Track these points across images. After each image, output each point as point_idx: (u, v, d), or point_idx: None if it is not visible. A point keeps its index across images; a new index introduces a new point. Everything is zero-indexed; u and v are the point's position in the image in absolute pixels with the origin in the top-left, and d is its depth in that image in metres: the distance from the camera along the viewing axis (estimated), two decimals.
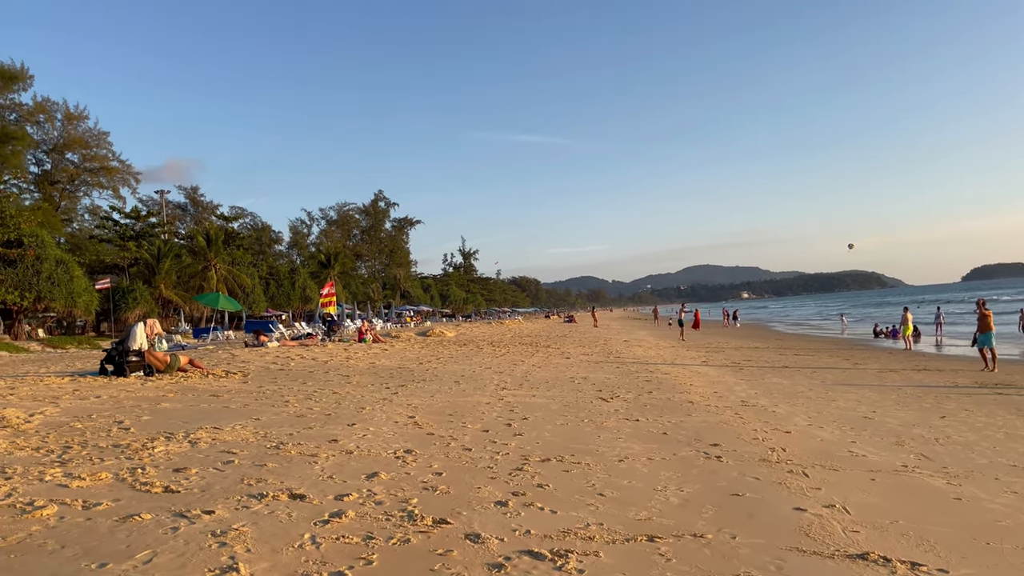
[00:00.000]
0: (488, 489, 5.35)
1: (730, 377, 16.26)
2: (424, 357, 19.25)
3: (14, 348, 36.39)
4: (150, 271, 61.65)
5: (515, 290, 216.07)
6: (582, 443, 7.46)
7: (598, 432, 8.20)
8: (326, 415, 8.75)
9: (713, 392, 12.75)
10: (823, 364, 20.15)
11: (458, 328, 44.99)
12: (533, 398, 11.23)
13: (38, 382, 11.28)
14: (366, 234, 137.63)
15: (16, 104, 68.01)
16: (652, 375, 15.60)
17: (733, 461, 6.71)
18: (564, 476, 5.89)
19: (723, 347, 29.43)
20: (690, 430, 8.45)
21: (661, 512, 4.93)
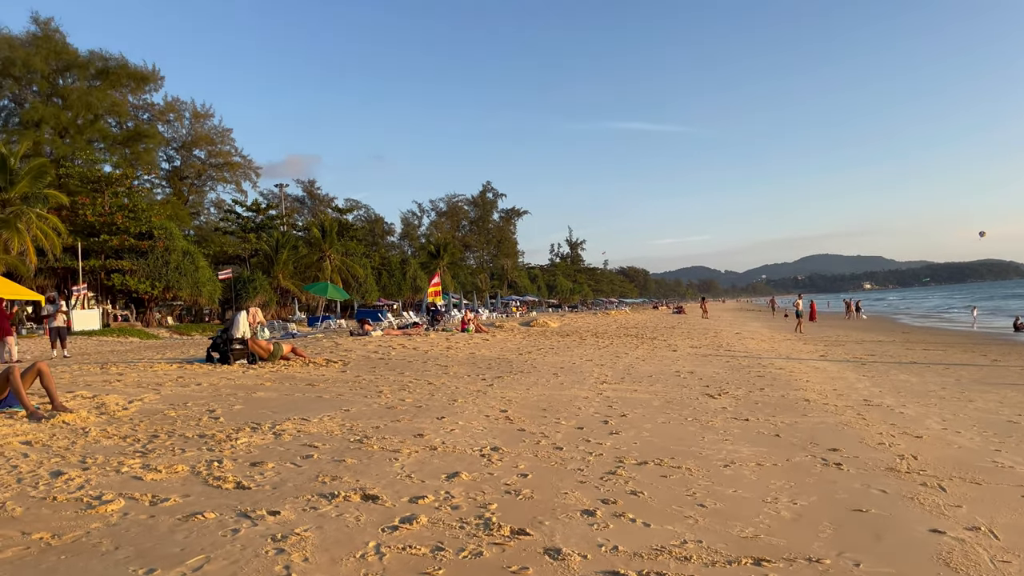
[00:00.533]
0: (576, 495, 4.90)
1: (851, 373, 15.13)
2: (524, 348, 18.94)
3: (144, 334, 38.66)
4: (269, 261, 64.30)
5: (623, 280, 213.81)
6: (684, 444, 6.90)
7: (702, 432, 7.60)
8: (417, 407, 8.52)
9: (832, 389, 11.80)
10: (956, 360, 18.54)
11: (563, 318, 44.59)
12: (634, 393, 10.68)
13: (148, 368, 11.65)
14: (474, 225, 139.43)
15: (148, 104, 72.47)
16: (764, 370, 14.69)
17: (855, 469, 5.99)
18: (661, 482, 5.37)
19: (843, 340, 27.75)
20: (805, 432, 7.71)
21: (770, 529, 4.35)
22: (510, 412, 8.39)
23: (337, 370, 12.34)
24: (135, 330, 40.05)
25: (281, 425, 6.93)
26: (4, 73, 54.23)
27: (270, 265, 63.68)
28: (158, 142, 65.67)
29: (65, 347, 18.92)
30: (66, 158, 49.37)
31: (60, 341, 18.78)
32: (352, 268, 69.56)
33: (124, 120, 64.11)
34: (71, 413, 6.68)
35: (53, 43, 56.70)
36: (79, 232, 43.04)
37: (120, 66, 59.81)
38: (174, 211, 61.13)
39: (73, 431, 6.15)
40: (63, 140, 55.78)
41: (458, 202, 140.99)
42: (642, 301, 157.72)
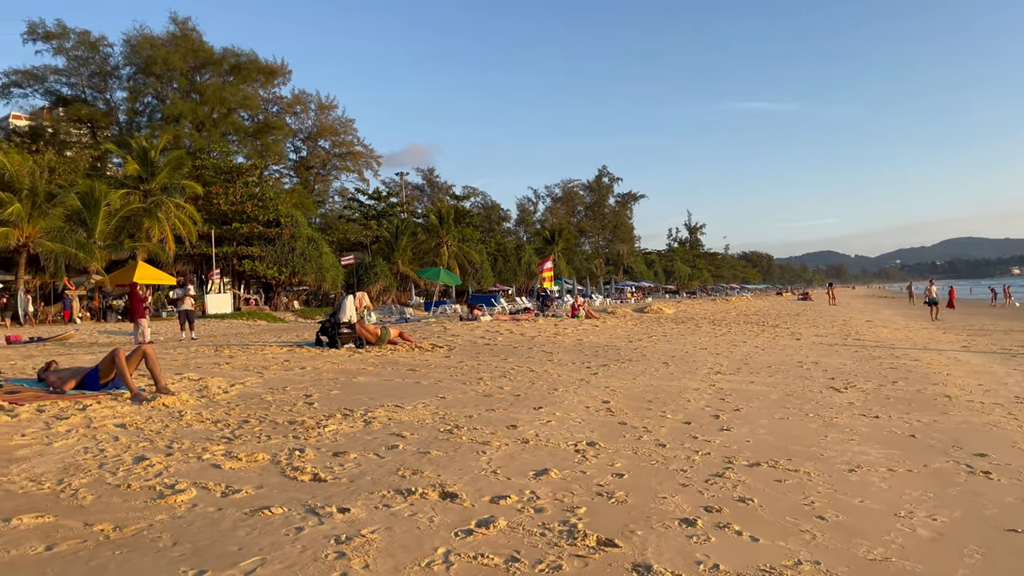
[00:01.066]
0: (675, 500, 4.42)
1: (999, 366, 13.68)
2: (635, 335, 18.33)
3: (272, 318, 40.40)
4: (389, 248, 65.98)
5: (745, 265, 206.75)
6: (803, 444, 6.25)
7: (825, 430, 6.89)
8: (515, 396, 8.20)
9: (977, 384, 10.64)
10: None
11: (678, 305, 43.35)
12: (751, 385, 9.97)
13: (258, 352, 11.92)
14: (590, 210, 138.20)
15: (277, 97, 75.71)
16: (898, 361, 13.51)
17: (1008, 479, 5.19)
18: (774, 488, 4.80)
19: (989, 330, 25.44)
20: (946, 433, 6.86)
21: (904, 550, 3.73)
22: (612, 403, 7.94)
23: (441, 355, 12.22)
24: (263, 313, 41.94)
25: (374, 412, 6.77)
26: (147, 72, 57.87)
27: (390, 251, 65.32)
28: (285, 133, 68.51)
29: (193, 329, 19.86)
30: (202, 150, 52.22)
31: (188, 324, 19.72)
32: (468, 254, 70.39)
33: (255, 113, 67.18)
34: (172, 396, 6.76)
35: (190, 42, 60.03)
36: (213, 220, 45.47)
37: (251, 61, 62.66)
38: (300, 199, 63.67)
39: (169, 414, 6.20)
40: (200, 133, 59.05)
41: (573, 187, 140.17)
42: (765, 287, 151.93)
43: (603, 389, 8.98)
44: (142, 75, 59.01)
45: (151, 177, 39.63)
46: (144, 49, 57.41)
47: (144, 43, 57.58)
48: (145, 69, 57.86)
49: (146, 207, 38.16)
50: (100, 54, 59.15)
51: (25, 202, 31.51)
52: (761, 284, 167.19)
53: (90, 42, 58.16)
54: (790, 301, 62.47)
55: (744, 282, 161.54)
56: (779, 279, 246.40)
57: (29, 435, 5.22)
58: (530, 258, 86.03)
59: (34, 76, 58.05)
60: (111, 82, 61.06)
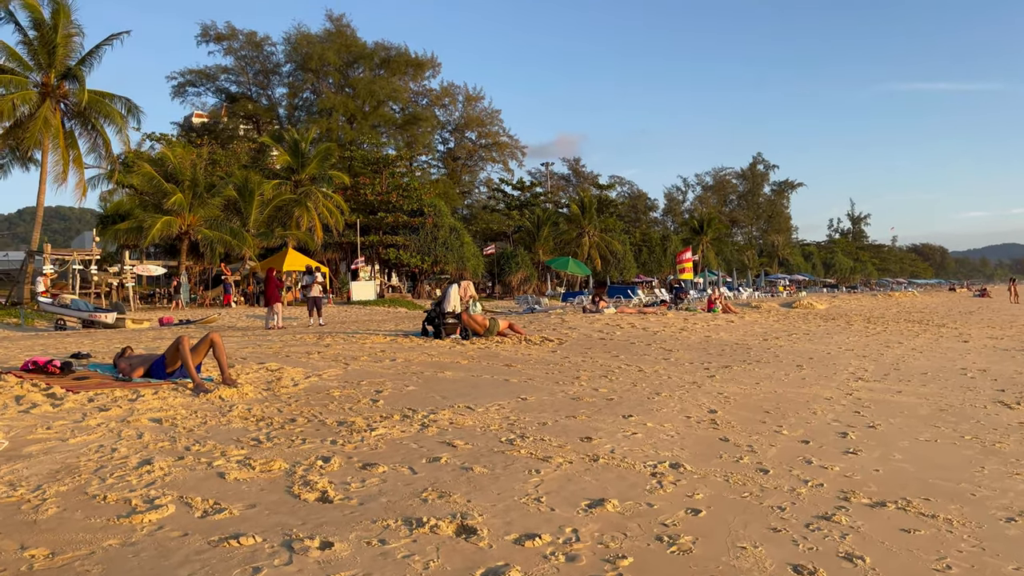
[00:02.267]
0: (757, 552, 3.44)
1: None
2: (774, 332, 16.75)
3: (412, 305, 41.17)
4: (531, 238, 65.94)
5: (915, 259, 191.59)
6: (950, 477, 5.00)
7: (983, 459, 5.57)
8: (607, 400, 7.31)
9: None
10: None
11: (833, 300, 40.24)
12: (896, 396, 8.53)
13: (361, 340, 11.64)
14: (743, 199, 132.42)
15: (427, 90, 77.52)
16: None
17: None
18: (898, 540, 3.70)
19: None
20: None
21: None
22: (720, 413, 6.89)
23: (548, 349, 11.46)
24: (405, 301, 42.85)
25: (438, 414, 6.12)
26: (304, 68, 60.73)
27: (531, 241, 65.26)
28: (433, 125, 69.90)
29: (321, 316, 20.21)
30: (352, 142, 54.08)
31: (316, 310, 20.07)
32: (610, 244, 69.18)
33: (404, 105, 69.01)
34: (233, 388, 6.42)
35: (344, 38, 62.41)
36: (360, 210, 46.95)
37: (400, 55, 64.32)
38: (445, 190, 64.84)
39: (218, 409, 5.83)
40: (351, 126, 61.30)
41: (726, 175, 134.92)
42: (936, 282, 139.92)
43: (715, 396, 7.91)
44: (300, 71, 62.00)
45: (301, 168, 41.35)
46: (302, 47, 60.27)
47: (302, 41, 60.44)
48: (303, 65, 60.73)
49: (296, 197, 39.85)
50: (264, 53, 62.77)
51: (187, 192, 33.65)
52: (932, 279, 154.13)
53: (255, 42, 61.85)
54: (964, 298, 56.75)
55: (913, 277, 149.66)
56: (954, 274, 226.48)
57: (56, 428, 4.96)
58: (676, 248, 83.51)
59: (206, 75, 62.50)
60: (273, 79, 64.65)
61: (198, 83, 63.05)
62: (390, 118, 65.68)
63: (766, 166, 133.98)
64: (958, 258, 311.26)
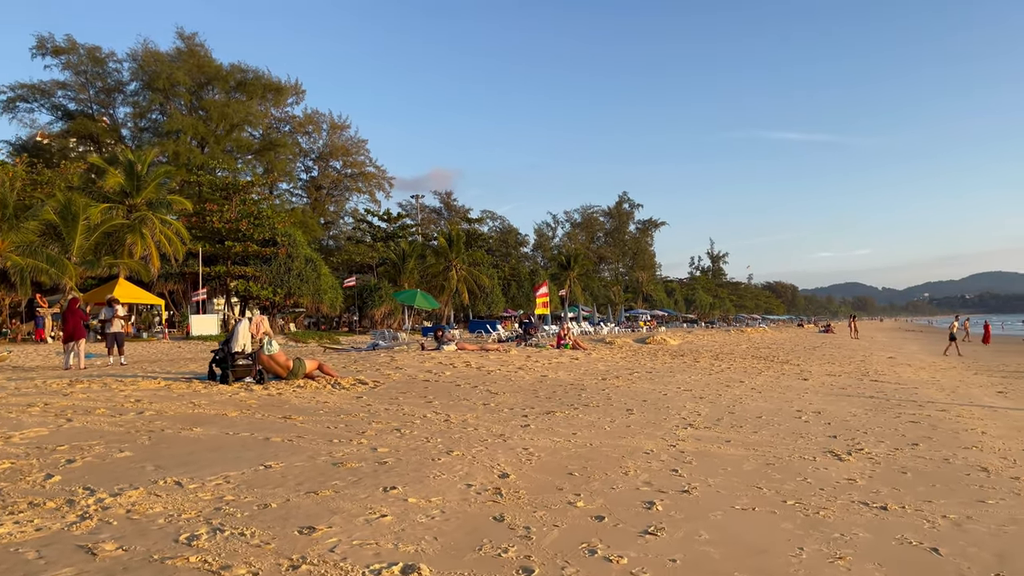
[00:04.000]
0: None
1: None
2: (616, 370, 15.97)
3: None
4: (396, 270, 64.13)
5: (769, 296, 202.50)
6: (761, 568, 3.96)
7: (804, 535, 4.62)
8: (381, 463, 5.96)
9: (1022, 451, 8.22)
10: None
11: (689, 335, 40.79)
12: (724, 447, 7.65)
13: (126, 386, 9.77)
14: (610, 236, 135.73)
15: (290, 116, 74.62)
16: (921, 412, 11.08)
17: None
18: None
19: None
20: (986, 543, 4.56)
21: None
22: (513, 478, 5.69)
23: (354, 395, 10.01)
24: None
25: (122, 496, 4.56)
26: (151, 87, 56.78)
27: (396, 274, 63.46)
28: (290, 150, 67.07)
29: (123, 353, 17.81)
30: (202, 167, 50.78)
31: (117, 347, 17.69)
32: (478, 278, 68.38)
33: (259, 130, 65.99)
34: None
35: (197, 58, 58.94)
36: (207, 238, 43.78)
37: (256, 78, 61.41)
38: (303, 219, 62.10)
39: None
40: (202, 150, 57.74)
41: (593, 213, 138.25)
42: (788, 318, 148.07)
43: (518, 452, 6.72)
44: (147, 90, 57.98)
45: (136, 192, 38.05)
46: (149, 64, 56.43)
47: (149, 58, 56.61)
48: (149, 84, 56.82)
49: (129, 223, 36.53)
50: (106, 69, 58.29)
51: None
52: (784, 315, 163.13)
53: (98, 58, 57.29)
54: (811, 333, 59.55)
55: (767, 313, 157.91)
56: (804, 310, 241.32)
57: None
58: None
59: (40, 91, 57.26)
60: (116, 97, 60.14)
61: (30, 98, 57.65)
62: (246, 143, 62.51)
63: (631, 205, 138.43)
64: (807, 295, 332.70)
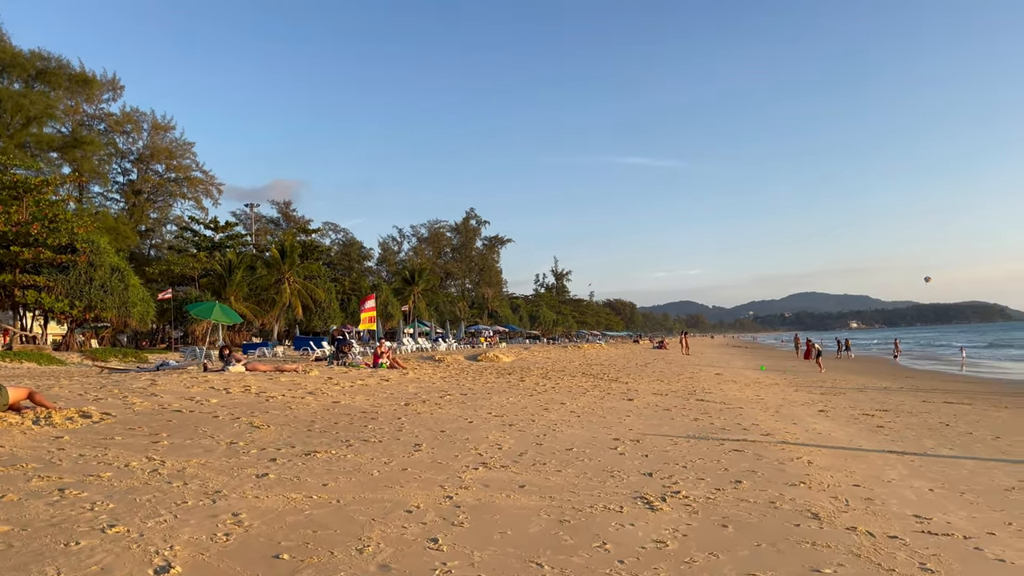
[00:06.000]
0: None
1: (867, 443, 10.59)
2: (428, 393, 14.27)
3: (48, 359, 33.68)
4: (221, 283, 59.55)
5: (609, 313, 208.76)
6: None
7: None
8: None
9: (852, 486, 7.24)
10: (1001, 424, 13.99)
11: (527, 351, 39.92)
12: (515, 494, 6.10)
13: None
14: (456, 252, 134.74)
15: (105, 114, 67.87)
16: (745, 437, 10.13)
17: None
18: None
19: (841, 386, 23.26)
20: None
21: None
22: (181, 570, 3.80)
23: (56, 433, 7.67)
24: (37, 354, 35.08)
25: None
26: None
27: (222, 287, 58.90)
28: (99, 150, 60.80)
29: None
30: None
31: None
32: (313, 292, 64.93)
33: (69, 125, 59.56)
34: None
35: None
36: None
37: (60, 67, 55.28)
38: (116, 225, 56.32)
39: None
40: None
41: (440, 228, 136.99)
42: (625, 334, 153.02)
43: (222, 520, 4.81)
44: None
45: None
46: None
47: None
48: None
49: None
50: None
51: None
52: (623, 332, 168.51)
53: None
54: (645, 350, 60.76)
55: (608, 329, 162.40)
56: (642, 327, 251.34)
57: None
58: (387, 298, 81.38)
59: None
60: None
61: None
62: (48, 139, 56.02)
63: (478, 221, 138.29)
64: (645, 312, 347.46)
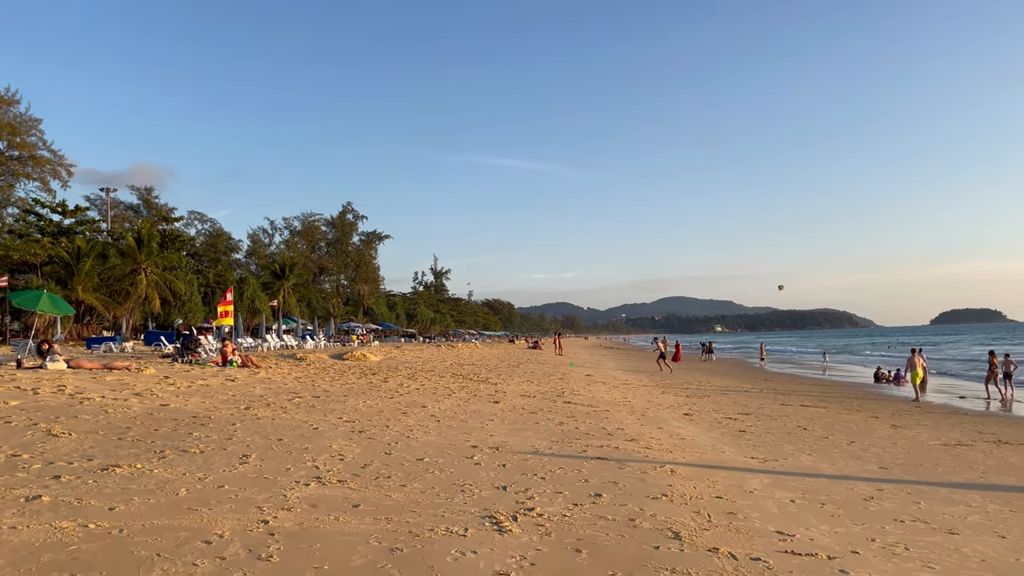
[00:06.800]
0: None
1: (730, 449, 10.39)
2: (276, 394, 13.08)
3: None
4: (68, 271, 54.88)
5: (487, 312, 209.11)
6: None
7: None
8: None
9: (715, 498, 6.83)
10: (854, 425, 14.31)
11: (396, 351, 38.76)
12: (346, 516, 5.25)
13: None
14: (332, 247, 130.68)
15: None
16: (609, 442, 9.66)
17: None
18: None
19: (706, 388, 23.66)
20: None
21: None
22: None
23: None
24: None
25: None
26: None
27: (69, 275, 54.27)
28: None
29: None
30: None
31: None
32: (173, 284, 60.97)
33: None
34: None
35: None
36: None
37: None
38: None
39: None
40: None
41: (315, 221, 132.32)
42: (502, 334, 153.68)
43: None
44: None
45: None
46: None
47: None
48: None
49: None
50: None
51: None
52: (500, 331, 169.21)
53: None
54: (520, 350, 60.77)
55: (485, 328, 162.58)
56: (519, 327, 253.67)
57: None
58: (254, 293, 77.77)
59: None
60: None
61: None
62: None
63: (355, 216, 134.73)
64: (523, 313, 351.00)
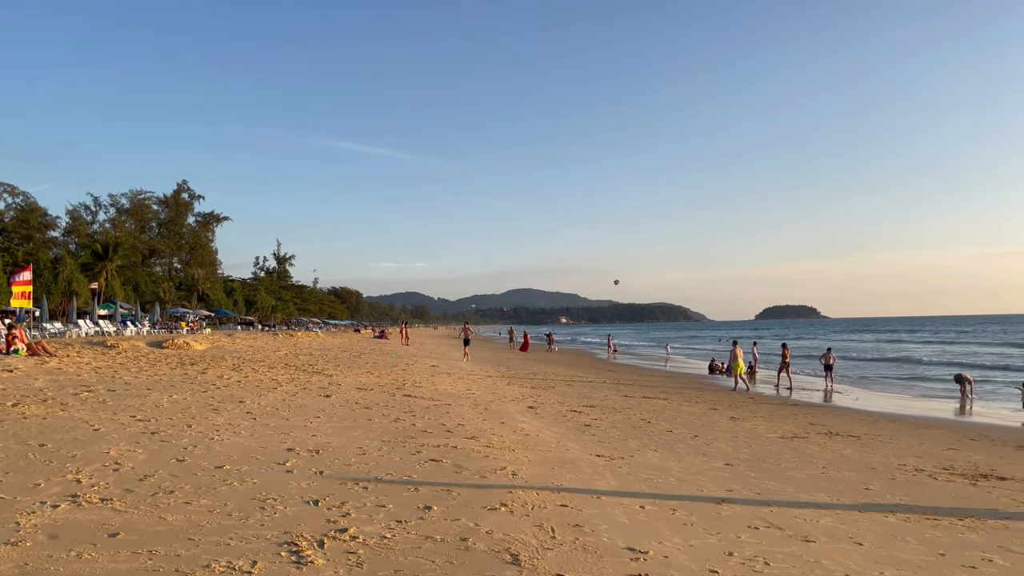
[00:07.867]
0: None
1: (575, 445, 9.76)
2: (59, 388, 11.20)
3: None
4: None
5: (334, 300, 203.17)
6: None
7: None
8: None
9: (560, 506, 6.05)
10: (696, 419, 14.24)
11: (226, 339, 36.12)
12: (85, 554, 4.00)
13: None
14: (164, 228, 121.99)
15: None
16: (447, 443, 8.74)
17: None
18: None
19: (551, 379, 23.36)
20: None
21: None
22: None
23: None
24: None
25: None
26: None
27: None
28: None
29: None
30: None
31: None
32: None
33: None
34: None
35: None
36: None
37: None
38: None
39: None
40: None
41: (146, 199, 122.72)
42: (347, 323, 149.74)
43: None
44: None
45: None
46: None
47: None
48: None
49: None
50: None
51: None
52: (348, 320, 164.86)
53: None
54: (365, 339, 58.91)
55: (331, 317, 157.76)
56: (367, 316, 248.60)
57: None
58: (72, 274, 70.95)
59: None
60: None
61: None
62: None
63: (191, 195, 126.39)
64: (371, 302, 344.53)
